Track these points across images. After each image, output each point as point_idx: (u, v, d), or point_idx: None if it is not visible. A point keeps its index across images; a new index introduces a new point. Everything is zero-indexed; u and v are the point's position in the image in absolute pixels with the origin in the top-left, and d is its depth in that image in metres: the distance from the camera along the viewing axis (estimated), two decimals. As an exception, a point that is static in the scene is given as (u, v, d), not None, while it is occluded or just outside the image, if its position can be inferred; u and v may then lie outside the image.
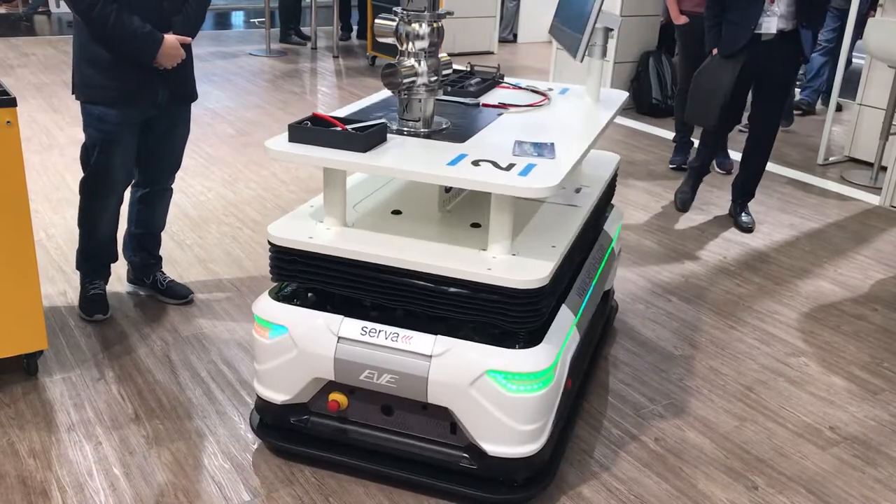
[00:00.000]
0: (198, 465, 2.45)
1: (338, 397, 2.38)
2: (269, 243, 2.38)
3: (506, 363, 2.19)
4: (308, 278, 2.37)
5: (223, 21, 11.15)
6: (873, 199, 5.10)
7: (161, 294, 3.42)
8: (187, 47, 3.01)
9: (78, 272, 3.31)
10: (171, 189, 3.39)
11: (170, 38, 2.90)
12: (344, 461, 2.43)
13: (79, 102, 3.01)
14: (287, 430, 2.49)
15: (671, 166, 5.47)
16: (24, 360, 2.81)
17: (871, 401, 2.97)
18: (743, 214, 4.58)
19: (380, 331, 2.27)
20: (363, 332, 2.28)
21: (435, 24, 2.39)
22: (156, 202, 3.34)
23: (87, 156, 3.05)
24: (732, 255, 4.18)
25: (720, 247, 4.28)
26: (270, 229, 2.37)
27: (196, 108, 6.38)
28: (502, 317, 2.21)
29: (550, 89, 3.16)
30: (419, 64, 2.39)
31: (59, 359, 2.95)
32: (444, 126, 2.53)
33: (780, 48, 4.16)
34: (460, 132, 2.50)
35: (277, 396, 2.44)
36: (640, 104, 6.87)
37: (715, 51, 4.26)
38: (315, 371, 2.34)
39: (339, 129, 2.31)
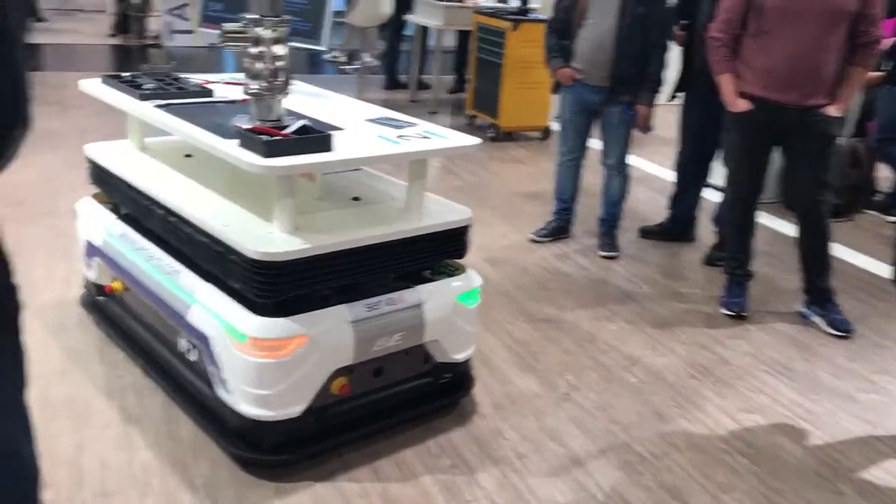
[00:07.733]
0: None
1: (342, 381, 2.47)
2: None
3: (469, 284, 2.78)
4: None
5: (314, 63, 9.93)
6: None
7: None
8: None
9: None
10: None
11: None
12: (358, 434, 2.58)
13: None
14: (309, 438, 2.47)
15: (729, 312, 3.85)
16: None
17: None
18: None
19: (378, 302, 2.51)
20: (368, 308, 2.48)
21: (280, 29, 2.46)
22: None
23: None
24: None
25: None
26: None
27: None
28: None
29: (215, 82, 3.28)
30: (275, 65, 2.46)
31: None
32: (292, 120, 2.52)
33: None
34: (317, 125, 2.59)
35: (297, 408, 2.39)
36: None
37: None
38: (337, 363, 2.43)
39: (290, 137, 2.39)
